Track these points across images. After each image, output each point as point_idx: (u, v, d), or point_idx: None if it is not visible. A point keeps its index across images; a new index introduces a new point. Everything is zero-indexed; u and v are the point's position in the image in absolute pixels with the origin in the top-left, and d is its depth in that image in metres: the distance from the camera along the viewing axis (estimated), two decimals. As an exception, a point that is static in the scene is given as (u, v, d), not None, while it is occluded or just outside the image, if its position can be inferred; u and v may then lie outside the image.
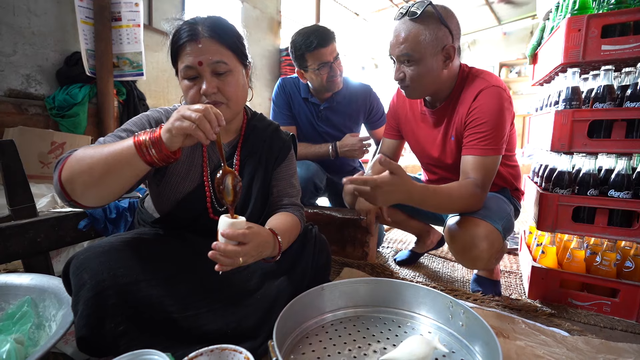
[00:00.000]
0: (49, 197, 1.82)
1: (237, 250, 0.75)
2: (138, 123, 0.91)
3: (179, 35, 0.89)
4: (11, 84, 2.28)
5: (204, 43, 0.87)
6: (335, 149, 1.70)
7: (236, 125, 1.05)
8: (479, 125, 1.14)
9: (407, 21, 1.12)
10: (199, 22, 0.90)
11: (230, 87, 0.91)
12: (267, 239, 0.85)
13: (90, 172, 0.73)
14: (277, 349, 0.71)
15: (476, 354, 0.84)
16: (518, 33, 6.73)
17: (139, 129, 0.89)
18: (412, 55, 1.12)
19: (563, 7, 1.32)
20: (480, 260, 1.11)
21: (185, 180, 0.97)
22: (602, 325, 1.15)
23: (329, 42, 1.58)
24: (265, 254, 0.86)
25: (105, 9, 2.42)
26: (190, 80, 0.90)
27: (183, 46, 0.88)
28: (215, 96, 0.90)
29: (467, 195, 1.13)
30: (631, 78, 1.14)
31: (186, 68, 0.88)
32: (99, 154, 0.73)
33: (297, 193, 1.13)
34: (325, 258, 1.06)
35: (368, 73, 7.77)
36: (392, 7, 5.79)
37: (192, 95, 0.90)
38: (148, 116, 0.95)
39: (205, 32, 0.88)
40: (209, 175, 0.99)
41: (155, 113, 0.96)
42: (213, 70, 0.89)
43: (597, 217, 1.19)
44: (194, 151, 0.99)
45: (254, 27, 4.31)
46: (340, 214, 1.59)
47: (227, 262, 0.74)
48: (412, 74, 1.16)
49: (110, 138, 0.84)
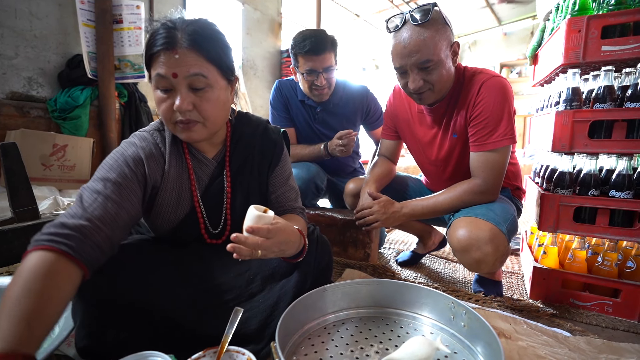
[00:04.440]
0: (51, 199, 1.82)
1: (258, 243, 0.72)
2: (115, 167, 0.80)
3: (154, 40, 0.78)
4: (13, 86, 2.29)
5: (181, 54, 0.76)
6: (327, 149, 1.70)
7: (220, 136, 0.96)
8: (485, 120, 1.15)
9: (414, 27, 1.09)
10: (179, 27, 0.78)
11: (208, 105, 0.81)
12: (292, 238, 0.82)
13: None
14: (279, 350, 0.71)
15: (478, 355, 0.84)
16: (518, 33, 6.74)
17: (116, 175, 0.79)
18: (432, 59, 1.10)
19: (563, 8, 1.32)
20: (485, 264, 1.10)
21: (177, 209, 0.91)
22: (604, 325, 1.15)
23: (322, 51, 1.55)
24: (288, 253, 0.84)
25: (107, 12, 2.43)
26: (163, 92, 0.80)
27: (157, 54, 0.78)
28: (189, 114, 0.80)
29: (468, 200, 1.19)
30: (631, 78, 1.14)
31: (158, 77, 0.78)
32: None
33: (297, 195, 1.10)
34: (327, 259, 1.05)
35: (369, 74, 7.78)
36: (392, 8, 5.80)
37: (165, 110, 0.80)
38: (124, 156, 0.83)
39: (184, 40, 0.77)
40: (199, 200, 0.93)
41: (130, 149, 0.84)
42: (190, 84, 0.79)
43: (599, 217, 1.19)
44: (180, 175, 0.91)
45: (255, 28, 4.32)
46: (342, 216, 1.60)
47: (246, 253, 0.72)
48: (436, 78, 1.13)
49: (87, 193, 0.75)
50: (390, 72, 1.23)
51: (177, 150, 0.92)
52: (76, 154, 2.29)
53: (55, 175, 2.21)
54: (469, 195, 1.19)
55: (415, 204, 1.28)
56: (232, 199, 0.96)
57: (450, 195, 1.22)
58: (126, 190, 0.78)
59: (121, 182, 0.78)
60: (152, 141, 0.89)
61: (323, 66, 1.58)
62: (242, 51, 4.17)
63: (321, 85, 1.61)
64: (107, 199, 0.74)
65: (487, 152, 1.16)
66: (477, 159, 1.19)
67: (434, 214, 1.26)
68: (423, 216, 1.28)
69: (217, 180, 0.95)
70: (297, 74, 1.67)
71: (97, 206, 0.72)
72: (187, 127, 0.82)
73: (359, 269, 1.52)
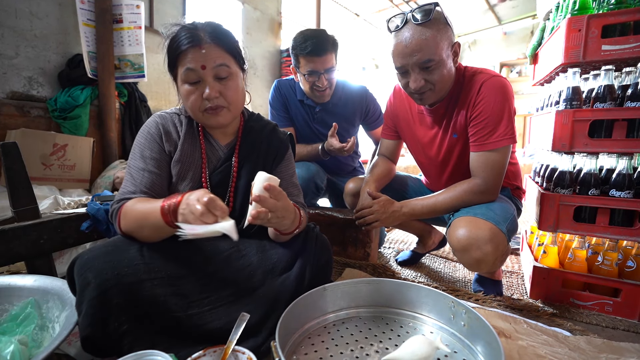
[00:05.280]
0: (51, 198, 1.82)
1: (273, 203, 0.79)
2: (147, 145, 0.96)
3: (179, 41, 0.90)
4: (13, 86, 2.29)
5: (207, 48, 0.89)
6: (324, 148, 1.70)
7: (233, 127, 1.06)
8: (485, 120, 1.15)
9: (415, 27, 1.09)
10: (200, 27, 0.91)
11: (231, 91, 0.93)
12: (291, 208, 0.89)
13: (140, 232, 0.85)
14: (279, 349, 0.71)
15: (478, 354, 0.84)
16: (518, 33, 6.73)
17: (151, 150, 0.95)
18: (434, 59, 1.10)
19: (563, 7, 1.32)
20: (485, 263, 1.10)
21: (184, 181, 0.98)
22: (604, 325, 1.15)
23: (323, 53, 1.55)
24: (286, 223, 0.88)
25: (107, 11, 2.43)
26: (191, 85, 0.91)
27: (185, 52, 0.89)
28: (217, 100, 0.92)
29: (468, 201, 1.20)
30: (632, 78, 1.14)
31: (188, 70, 0.89)
32: (140, 220, 0.83)
33: (299, 192, 1.13)
34: (326, 257, 1.06)
35: (369, 74, 7.77)
36: (392, 7, 5.80)
37: (194, 100, 0.92)
38: (150, 133, 0.97)
39: (207, 37, 0.90)
40: (207, 177, 1.00)
41: (154, 126, 0.98)
42: (215, 75, 0.91)
43: (599, 216, 1.19)
44: (193, 152, 1.00)
45: (254, 28, 4.32)
46: (342, 215, 1.60)
47: (263, 216, 0.77)
48: (437, 78, 1.14)
49: (134, 170, 0.94)
50: (390, 71, 1.23)
51: (193, 133, 1.02)
52: (76, 154, 2.29)
53: (56, 174, 2.21)
54: (469, 195, 1.19)
55: (415, 203, 1.28)
56: (237, 182, 1.04)
57: (450, 195, 1.22)
58: (163, 162, 0.96)
59: (157, 157, 0.95)
60: (170, 119, 1.01)
61: (324, 67, 1.58)
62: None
63: (322, 86, 1.61)
64: (151, 173, 0.93)
65: (488, 152, 1.16)
66: (477, 158, 1.19)
67: (434, 214, 1.27)
68: (423, 216, 1.29)
69: (225, 164, 1.03)
70: (298, 75, 1.67)
71: (145, 181, 0.92)
72: (215, 112, 0.93)
73: (359, 268, 1.52)
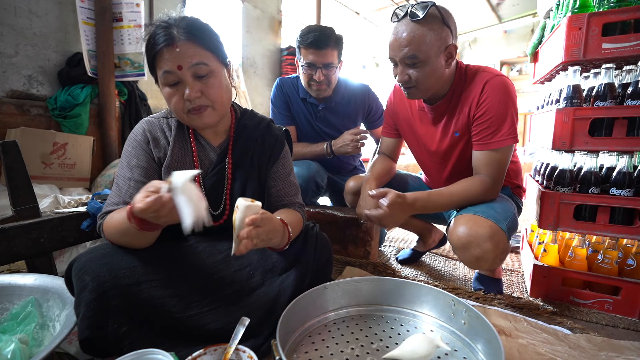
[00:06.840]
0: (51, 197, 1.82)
1: (252, 232, 0.76)
2: (134, 153, 0.93)
3: (154, 41, 0.85)
4: (13, 85, 2.29)
5: (181, 47, 0.84)
6: (330, 147, 1.70)
7: (225, 126, 1.03)
8: (489, 119, 1.16)
9: (409, 23, 1.11)
10: (173, 24, 0.85)
11: (213, 90, 0.89)
12: (278, 227, 0.87)
13: (125, 240, 0.84)
14: (280, 347, 0.71)
15: (478, 352, 0.84)
16: (519, 31, 6.71)
17: (138, 159, 0.93)
18: (418, 57, 1.12)
19: (564, 5, 1.32)
20: (484, 261, 1.11)
21: None
22: (604, 323, 1.15)
23: (323, 46, 1.55)
24: (274, 242, 0.87)
25: (107, 10, 2.42)
26: (171, 87, 0.87)
27: (160, 52, 0.85)
28: (199, 100, 0.87)
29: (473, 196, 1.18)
30: (632, 76, 1.14)
31: (165, 74, 0.85)
32: (118, 230, 0.82)
33: (297, 191, 1.12)
34: (327, 256, 1.06)
35: (369, 72, 7.77)
36: (392, 5, 5.78)
37: (176, 102, 0.88)
38: (137, 141, 0.95)
39: (181, 34, 0.84)
40: (200, 181, 0.98)
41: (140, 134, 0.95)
42: (194, 74, 0.86)
43: (599, 215, 1.19)
44: (184, 157, 0.98)
45: (255, 26, 4.31)
46: (342, 213, 1.60)
47: (249, 246, 0.76)
48: (418, 75, 1.15)
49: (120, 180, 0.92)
50: (390, 70, 1.23)
51: (183, 136, 0.99)
52: (76, 152, 2.28)
53: (56, 173, 2.21)
54: (470, 193, 1.19)
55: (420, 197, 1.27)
56: (232, 184, 1.01)
57: (451, 192, 1.22)
58: (150, 170, 0.94)
59: (144, 165, 0.93)
60: (157, 125, 0.98)
61: (323, 62, 1.58)
62: (242, 49, 4.15)
63: (319, 80, 1.61)
64: (137, 182, 0.90)
65: (491, 151, 1.17)
66: (480, 157, 1.19)
67: (434, 211, 1.25)
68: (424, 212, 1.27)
69: (219, 166, 1.00)
70: (299, 68, 1.68)
71: (131, 190, 0.89)
72: (199, 113, 0.89)
73: (359, 266, 1.52)
